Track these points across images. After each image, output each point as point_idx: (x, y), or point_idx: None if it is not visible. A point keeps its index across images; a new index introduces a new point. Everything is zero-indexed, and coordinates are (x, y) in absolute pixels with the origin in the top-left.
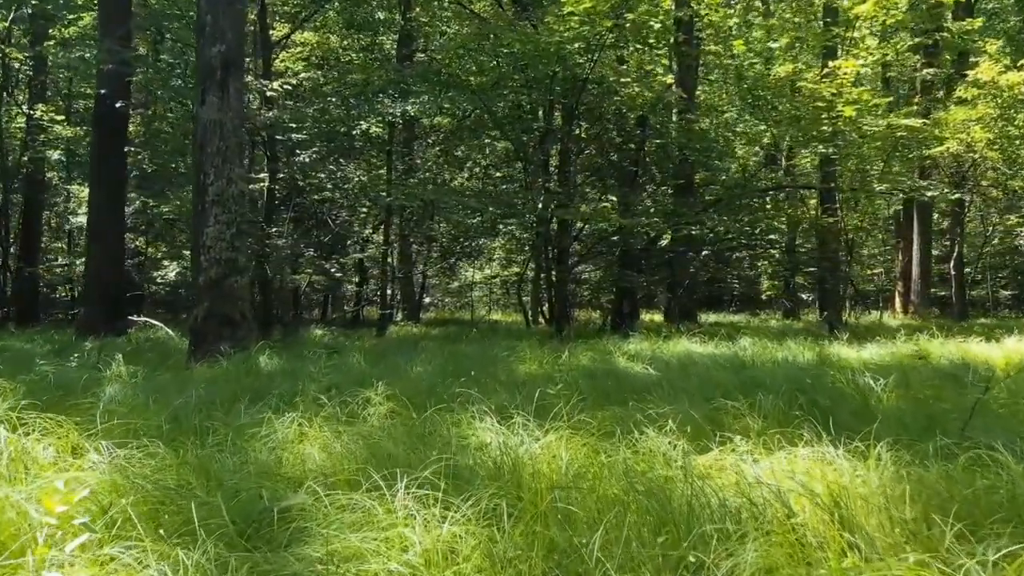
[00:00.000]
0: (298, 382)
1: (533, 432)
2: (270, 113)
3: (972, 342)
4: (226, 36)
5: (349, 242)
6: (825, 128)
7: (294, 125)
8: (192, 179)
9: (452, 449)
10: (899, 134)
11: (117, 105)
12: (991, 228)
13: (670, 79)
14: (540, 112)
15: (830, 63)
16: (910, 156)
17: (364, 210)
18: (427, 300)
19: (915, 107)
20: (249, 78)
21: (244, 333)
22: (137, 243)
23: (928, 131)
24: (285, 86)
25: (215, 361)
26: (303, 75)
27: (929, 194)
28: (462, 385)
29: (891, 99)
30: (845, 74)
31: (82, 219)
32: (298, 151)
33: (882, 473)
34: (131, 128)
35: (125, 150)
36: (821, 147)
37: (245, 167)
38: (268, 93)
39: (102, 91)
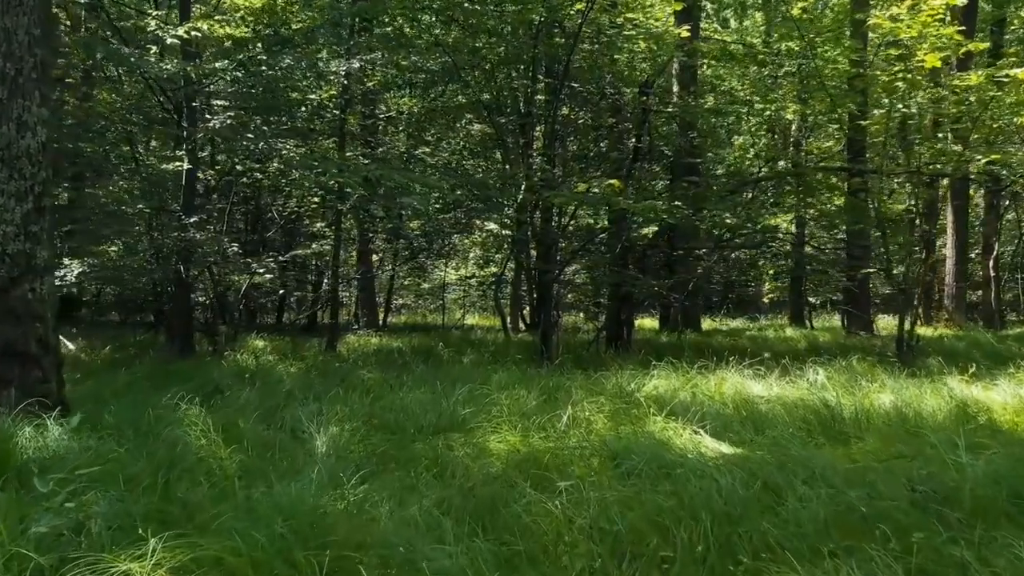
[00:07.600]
0: (35, 502)
1: None
2: (169, 64)
3: None
4: None
5: (314, 244)
6: (900, 84)
7: (212, 87)
8: None
9: None
10: (990, 94)
11: None
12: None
13: (685, 31)
14: (522, 71)
15: None
16: (994, 125)
17: (316, 200)
18: (398, 302)
19: (1012, 59)
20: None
21: (43, 375)
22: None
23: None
24: (194, 32)
25: None
26: (218, 18)
27: None
28: (384, 491)
29: (988, 45)
30: (932, 9)
31: None
32: (208, 116)
33: None
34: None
35: None
36: (901, 105)
37: (49, 111)
38: (168, 40)
39: None
